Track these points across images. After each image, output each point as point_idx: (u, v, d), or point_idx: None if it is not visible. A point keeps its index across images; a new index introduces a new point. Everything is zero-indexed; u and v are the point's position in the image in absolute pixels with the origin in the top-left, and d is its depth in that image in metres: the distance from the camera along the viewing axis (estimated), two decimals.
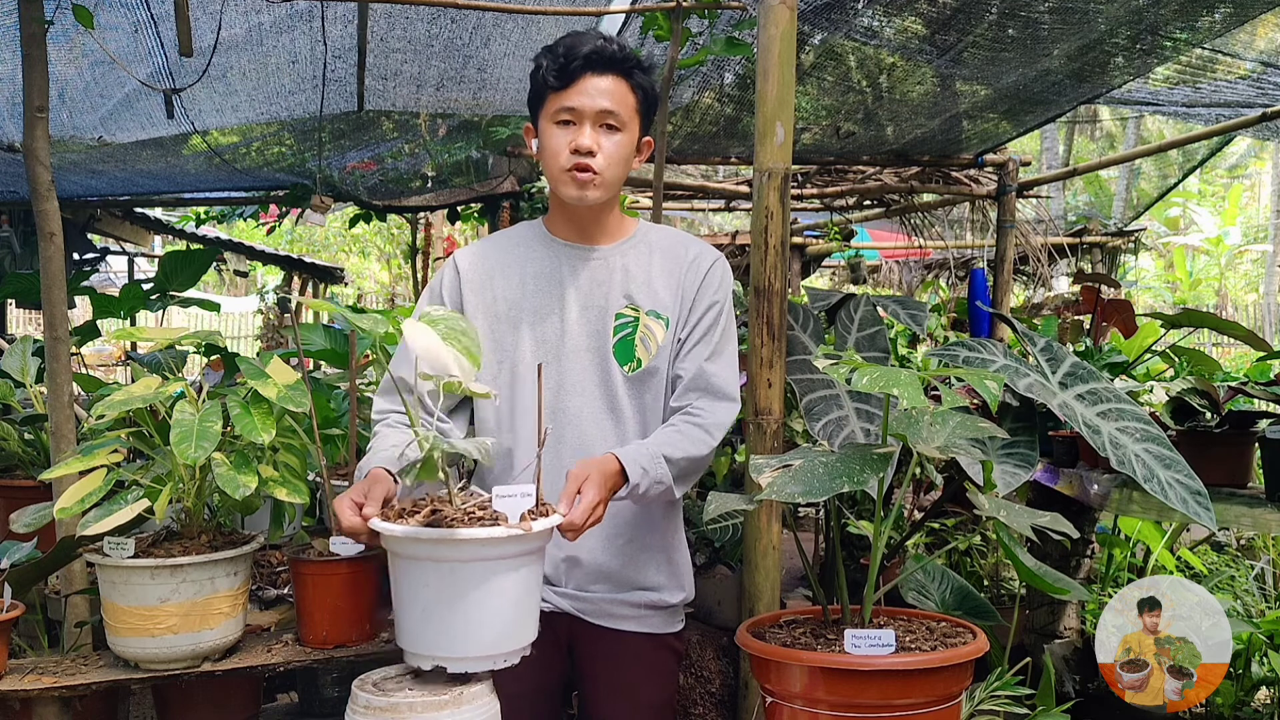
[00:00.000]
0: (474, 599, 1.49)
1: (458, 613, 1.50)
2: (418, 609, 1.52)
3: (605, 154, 1.82)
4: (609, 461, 1.71)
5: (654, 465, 1.76)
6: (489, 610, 1.51)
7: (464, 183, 5.25)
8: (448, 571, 1.49)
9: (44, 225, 2.43)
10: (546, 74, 1.82)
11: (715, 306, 1.92)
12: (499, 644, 1.53)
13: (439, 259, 8.33)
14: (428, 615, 1.51)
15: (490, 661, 1.53)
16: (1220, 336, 8.16)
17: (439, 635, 1.51)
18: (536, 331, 1.86)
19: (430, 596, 1.50)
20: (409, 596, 1.53)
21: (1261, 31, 3.76)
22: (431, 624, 1.51)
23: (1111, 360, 3.12)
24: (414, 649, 1.55)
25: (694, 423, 1.86)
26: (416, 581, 1.51)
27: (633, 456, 1.74)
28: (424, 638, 1.53)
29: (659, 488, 1.77)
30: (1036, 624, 3.09)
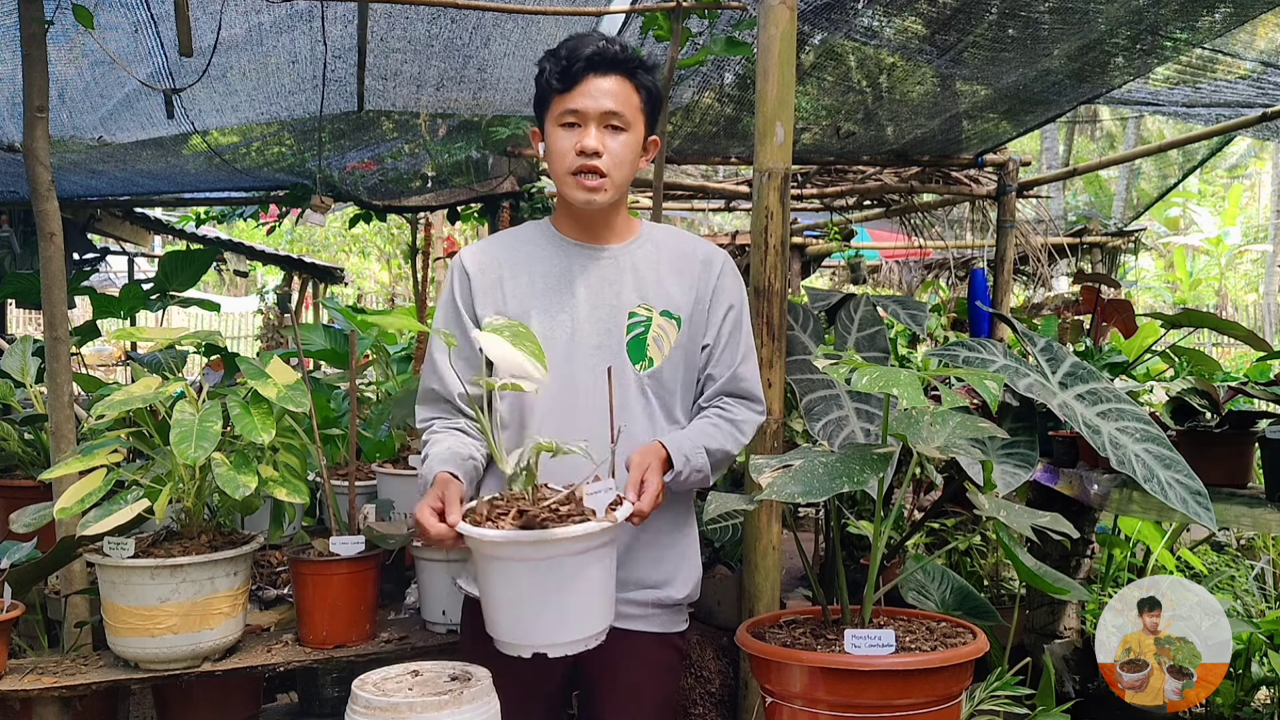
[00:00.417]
0: (568, 590, 1.58)
1: (552, 604, 1.58)
2: (513, 603, 1.60)
3: (611, 154, 1.83)
4: (659, 449, 1.79)
5: (696, 454, 1.84)
6: (581, 597, 1.60)
7: (464, 183, 5.25)
8: (544, 568, 1.57)
9: (44, 225, 2.43)
10: (550, 77, 1.83)
11: (734, 309, 1.97)
12: (590, 626, 1.63)
13: (439, 259, 8.34)
14: (523, 608, 1.59)
15: (584, 643, 1.63)
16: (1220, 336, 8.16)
17: (535, 626, 1.60)
18: (548, 330, 1.87)
19: (525, 591, 1.58)
20: (503, 593, 1.61)
21: (1261, 31, 3.76)
22: (527, 616, 1.59)
23: (1111, 360, 3.13)
24: (510, 639, 1.63)
25: (729, 418, 1.94)
26: (511, 579, 1.59)
27: (677, 445, 1.82)
28: (520, 629, 1.61)
29: (698, 475, 1.85)
30: (1036, 624, 3.09)
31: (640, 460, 1.74)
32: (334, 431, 3.41)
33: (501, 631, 1.64)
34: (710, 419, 1.93)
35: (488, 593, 1.64)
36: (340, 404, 3.76)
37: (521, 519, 1.58)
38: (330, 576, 2.31)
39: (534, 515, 1.58)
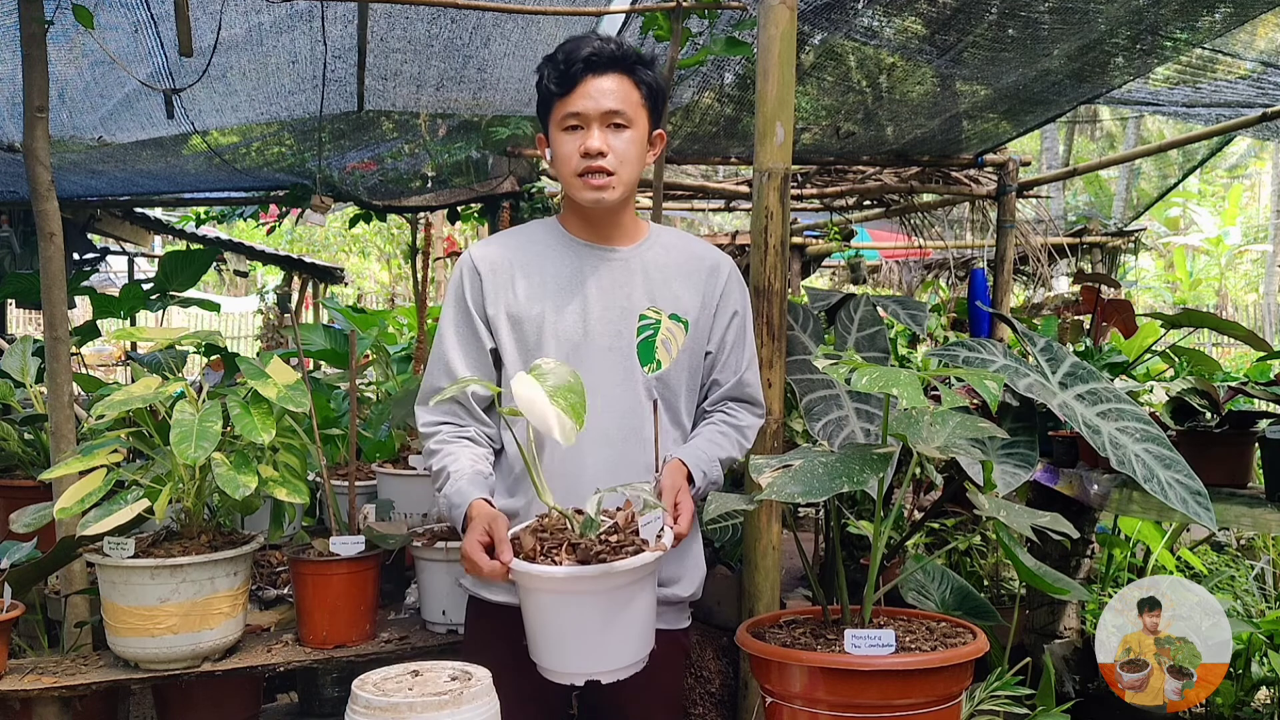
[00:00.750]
0: (623, 618, 1.62)
1: (607, 633, 1.62)
2: (568, 635, 1.63)
3: (616, 153, 1.83)
4: (682, 469, 1.83)
5: (711, 468, 1.89)
6: (635, 624, 1.65)
7: (464, 183, 5.25)
8: (602, 599, 1.60)
9: (44, 225, 2.43)
10: (549, 82, 1.83)
11: (738, 315, 2.00)
12: (641, 649, 1.67)
13: (439, 259, 8.34)
14: (579, 639, 1.62)
15: (635, 666, 1.67)
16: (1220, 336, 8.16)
17: (590, 655, 1.63)
18: (559, 330, 1.87)
19: (582, 623, 1.62)
20: (557, 625, 1.63)
21: (1261, 31, 3.76)
22: (583, 646, 1.62)
23: (1111, 360, 3.12)
24: (564, 669, 1.65)
25: (734, 424, 1.98)
26: (566, 611, 1.62)
27: (695, 461, 1.86)
28: (574, 659, 1.64)
29: (712, 488, 1.89)
30: (1036, 624, 3.09)
31: (671, 484, 1.77)
32: (334, 431, 3.41)
33: (554, 661, 1.66)
34: (718, 426, 1.96)
35: (540, 625, 1.65)
36: (340, 404, 3.76)
37: (577, 553, 1.60)
38: (330, 576, 2.31)
39: (589, 549, 1.60)
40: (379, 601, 2.46)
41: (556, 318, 1.88)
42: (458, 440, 1.88)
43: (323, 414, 3.34)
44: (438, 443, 1.89)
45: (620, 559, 1.58)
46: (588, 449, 1.85)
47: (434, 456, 1.88)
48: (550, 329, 1.87)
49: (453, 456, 1.85)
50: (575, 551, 1.60)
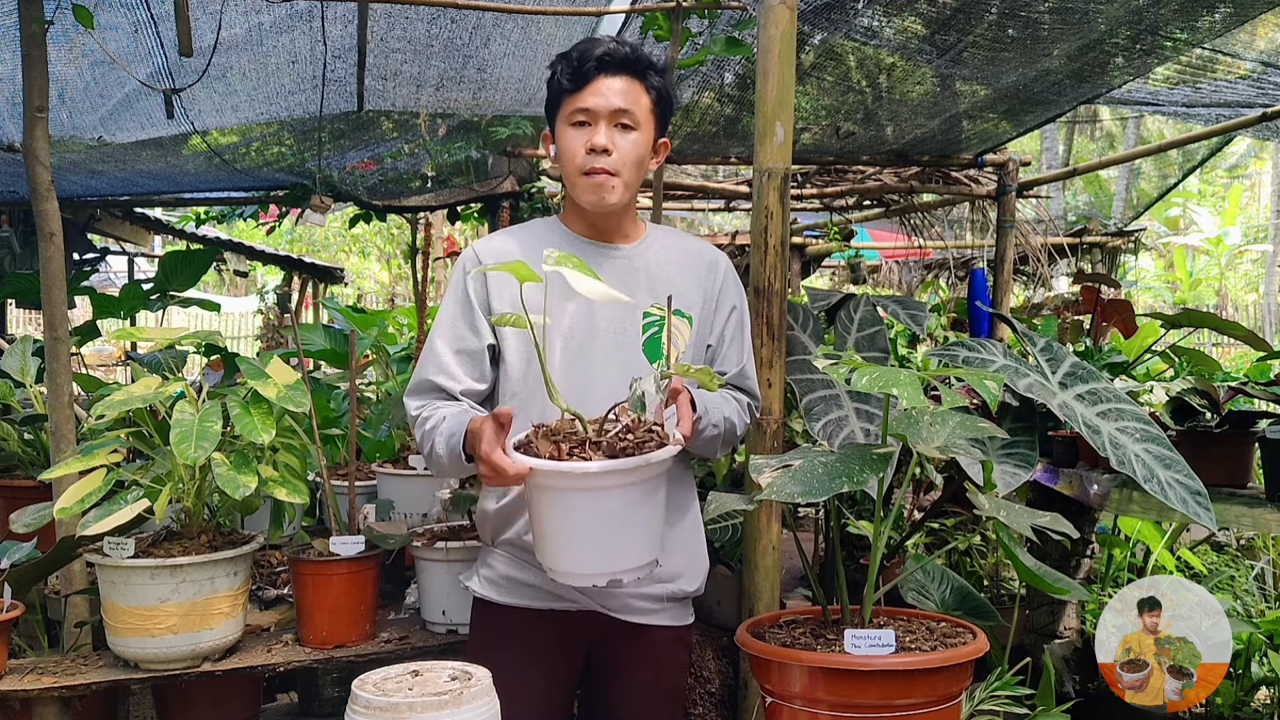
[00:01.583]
0: (643, 512, 1.62)
1: (631, 529, 1.60)
2: (590, 533, 1.60)
3: (620, 153, 1.83)
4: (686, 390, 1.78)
5: (714, 410, 1.87)
6: (654, 518, 1.65)
7: (464, 183, 5.25)
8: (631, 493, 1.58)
9: (44, 225, 2.43)
10: (561, 77, 1.84)
11: (736, 310, 2.02)
12: (657, 547, 1.67)
13: (439, 259, 8.33)
14: (602, 536, 1.60)
15: (651, 566, 1.66)
16: (1220, 336, 8.15)
17: (612, 553, 1.61)
18: (564, 327, 1.87)
19: (606, 518, 1.59)
20: (582, 524, 1.60)
21: (1261, 31, 3.76)
22: (606, 544, 1.61)
23: (1111, 360, 3.12)
24: (586, 570, 1.63)
25: (735, 398, 2.00)
26: (593, 509, 1.59)
27: (698, 396, 1.83)
28: (597, 558, 1.62)
29: (712, 432, 1.86)
30: (1036, 624, 3.09)
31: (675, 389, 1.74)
32: (334, 431, 3.41)
33: (575, 564, 1.64)
34: (720, 393, 1.96)
35: (562, 526, 1.62)
36: (340, 404, 3.76)
37: (601, 449, 1.58)
38: (330, 576, 2.31)
39: (614, 444, 1.58)
40: (379, 601, 2.46)
41: (562, 315, 1.88)
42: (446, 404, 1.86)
43: (323, 414, 3.34)
44: (428, 410, 1.86)
45: (647, 452, 1.57)
46: None
47: (425, 423, 1.84)
48: (556, 326, 1.87)
49: (442, 410, 1.83)
50: (600, 449, 1.58)
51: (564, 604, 1.88)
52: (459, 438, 1.75)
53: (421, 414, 1.86)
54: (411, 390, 1.92)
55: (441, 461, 1.80)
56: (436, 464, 1.83)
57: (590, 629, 1.90)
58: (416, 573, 2.54)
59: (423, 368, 1.90)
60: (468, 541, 2.43)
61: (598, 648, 1.93)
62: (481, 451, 1.62)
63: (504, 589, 1.91)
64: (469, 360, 1.88)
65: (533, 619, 1.89)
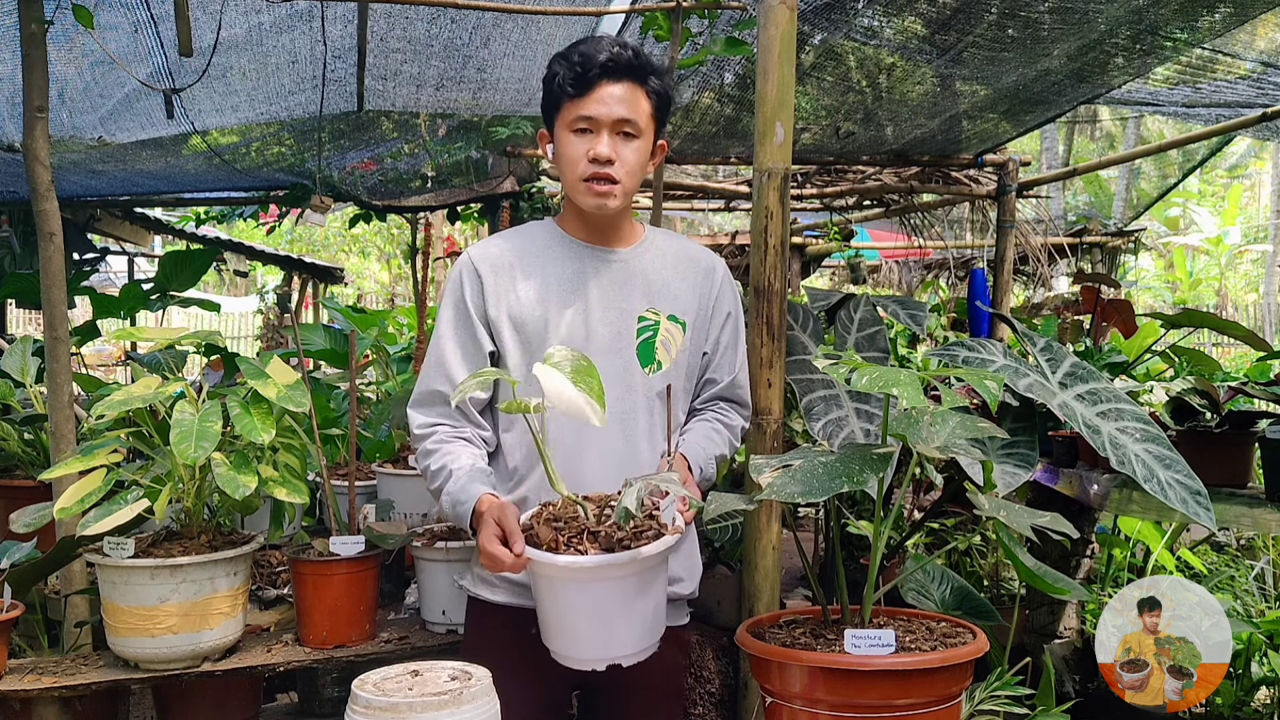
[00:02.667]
0: (644, 600, 1.64)
1: (630, 616, 1.63)
2: (589, 622, 1.63)
3: (623, 162, 1.84)
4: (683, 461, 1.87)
5: (708, 465, 1.93)
6: (653, 605, 1.67)
7: (464, 183, 5.25)
8: (627, 584, 1.61)
9: (44, 225, 2.43)
10: (563, 82, 1.83)
11: (732, 316, 2.03)
12: (659, 629, 1.70)
13: (439, 259, 8.33)
14: (600, 625, 1.63)
15: (654, 646, 1.70)
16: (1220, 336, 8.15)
17: (611, 640, 1.64)
18: (561, 333, 1.87)
19: (605, 608, 1.62)
20: (580, 611, 1.63)
21: (1261, 31, 3.76)
22: (604, 632, 1.63)
23: (1111, 360, 3.12)
24: (585, 655, 1.66)
25: (726, 424, 2.02)
26: (589, 598, 1.62)
27: (694, 456, 1.90)
28: (596, 645, 1.65)
29: (705, 485, 1.92)
30: (1036, 624, 3.09)
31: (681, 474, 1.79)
32: (334, 431, 3.41)
33: (574, 649, 1.67)
34: (711, 424, 2.00)
35: (560, 614, 1.65)
36: (340, 404, 3.76)
37: (599, 541, 1.60)
38: (330, 576, 2.31)
39: (610, 536, 1.61)
40: (379, 601, 2.46)
41: (559, 320, 1.88)
42: (455, 440, 1.87)
43: (323, 414, 3.34)
44: (435, 443, 1.86)
45: (642, 544, 1.59)
46: (588, 450, 1.85)
47: (431, 456, 1.85)
48: (553, 331, 1.87)
49: (452, 455, 1.83)
50: (597, 540, 1.60)
51: None
52: (465, 514, 1.76)
53: (426, 443, 1.87)
54: (416, 401, 1.91)
55: (445, 515, 1.86)
56: (439, 508, 1.87)
57: None
58: (416, 573, 2.54)
59: (427, 377, 1.90)
60: (467, 541, 2.43)
61: None
62: (480, 540, 1.66)
63: (498, 587, 1.91)
64: (471, 370, 1.88)
65: (527, 617, 1.88)
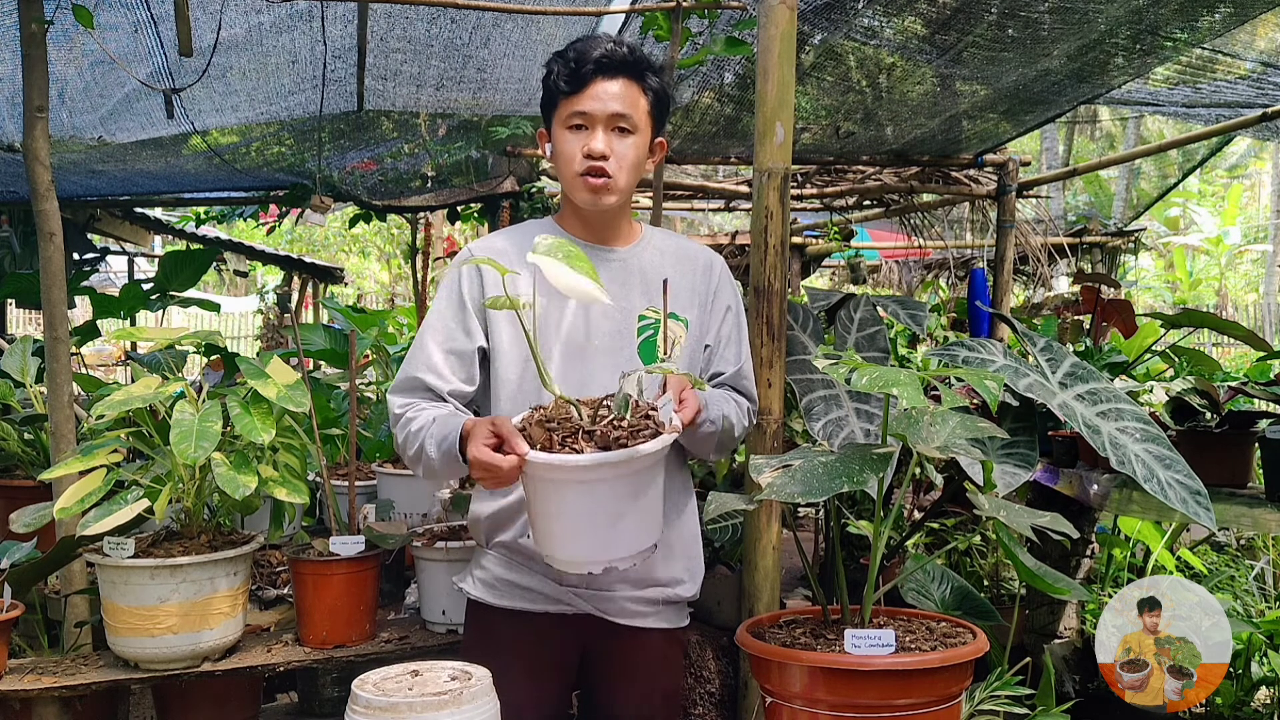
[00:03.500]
0: (640, 502, 1.61)
1: (626, 518, 1.60)
2: (585, 523, 1.60)
3: (618, 157, 1.83)
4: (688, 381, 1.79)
5: (713, 405, 1.85)
6: (651, 507, 1.64)
7: (464, 183, 5.24)
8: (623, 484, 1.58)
9: (44, 225, 2.43)
10: (558, 79, 1.83)
11: (732, 310, 2.01)
12: (655, 533, 1.67)
13: (439, 259, 8.33)
14: (597, 526, 1.60)
15: (649, 551, 1.67)
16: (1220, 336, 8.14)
17: (608, 542, 1.61)
18: (560, 330, 1.87)
19: (601, 509, 1.59)
20: (576, 514, 1.61)
21: (1261, 31, 3.75)
22: (601, 533, 1.60)
23: (1111, 360, 3.12)
24: (582, 558, 1.64)
25: (734, 399, 1.96)
26: (586, 499, 1.59)
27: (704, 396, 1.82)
28: (592, 547, 1.62)
29: (710, 429, 1.84)
30: (1036, 624, 3.09)
31: (676, 381, 1.74)
32: (334, 431, 3.41)
33: (571, 551, 1.64)
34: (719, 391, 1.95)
35: (556, 517, 1.62)
36: (340, 404, 3.76)
37: (595, 440, 1.56)
38: (330, 576, 2.31)
39: (607, 434, 1.56)
40: (379, 601, 2.46)
41: (561, 319, 1.87)
42: (432, 406, 1.84)
43: (323, 414, 3.34)
44: (413, 412, 1.83)
45: (639, 443, 1.55)
46: None
47: (410, 423, 1.81)
48: (553, 329, 1.87)
49: (430, 412, 1.81)
50: (592, 439, 1.57)
51: (559, 606, 1.88)
52: (452, 440, 1.72)
53: (406, 413, 1.83)
54: (397, 387, 1.89)
55: (433, 463, 1.77)
56: (425, 465, 1.80)
57: (585, 631, 1.90)
58: (416, 573, 2.54)
59: (410, 365, 1.88)
60: (467, 541, 2.43)
61: (593, 650, 1.92)
62: (472, 452, 1.62)
63: (499, 591, 1.91)
64: (458, 361, 1.86)
65: (527, 621, 1.88)
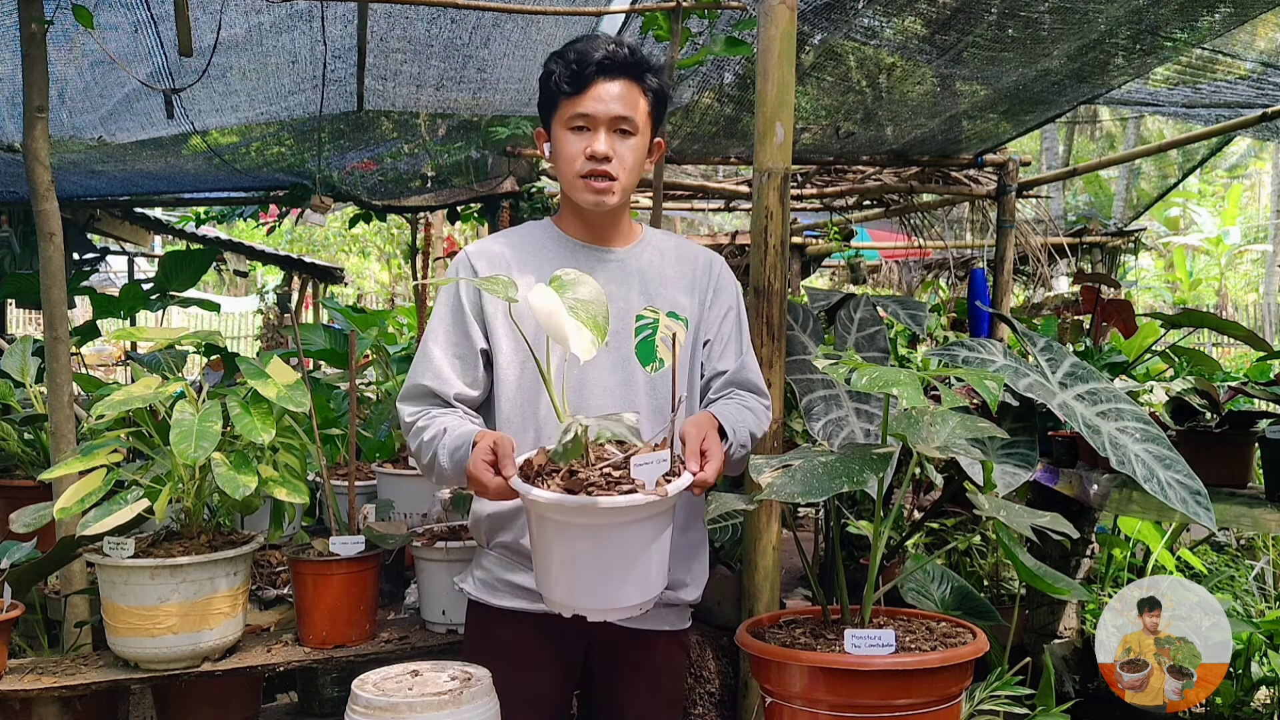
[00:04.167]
0: (615, 557, 1.55)
1: (600, 569, 1.56)
2: (556, 563, 1.58)
3: (620, 159, 1.84)
4: (711, 419, 1.76)
5: (740, 429, 1.82)
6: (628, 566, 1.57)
7: (464, 183, 5.24)
8: (591, 534, 1.53)
9: (44, 225, 2.43)
10: (559, 80, 1.83)
11: (732, 309, 2.00)
12: (632, 596, 1.59)
13: (439, 259, 8.33)
14: (567, 570, 1.57)
15: (625, 611, 1.60)
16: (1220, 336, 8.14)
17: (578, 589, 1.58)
18: None
19: (573, 553, 1.55)
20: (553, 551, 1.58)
21: (1261, 31, 3.76)
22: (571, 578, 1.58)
23: (1111, 360, 3.12)
24: (552, 597, 1.62)
25: (748, 407, 1.92)
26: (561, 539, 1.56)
27: (724, 415, 1.80)
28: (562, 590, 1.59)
29: (741, 453, 1.82)
30: (1036, 624, 3.09)
31: (697, 431, 1.69)
32: (334, 431, 3.41)
33: (544, 588, 1.63)
34: (734, 405, 1.91)
35: (537, 548, 1.62)
36: (340, 404, 3.76)
37: (569, 481, 1.52)
38: (330, 576, 2.31)
39: (582, 479, 1.52)
40: (379, 601, 2.46)
41: None
42: (444, 414, 1.85)
43: (323, 414, 3.34)
44: (425, 420, 1.84)
45: (608, 494, 1.49)
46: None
47: (423, 432, 1.82)
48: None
49: (442, 421, 1.82)
50: (570, 480, 1.52)
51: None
52: (466, 450, 1.72)
53: (417, 422, 1.85)
54: (405, 395, 1.90)
55: (445, 473, 1.79)
56: (438, 474, 1.82)
57: (585, 633, 1.90)
58: (416, 573, 2.54)
59: (416, 373, 1.89)
60: (467, 541, 2.43)
61: (594, 651, 1.92)
62: (469, 464, 1.65)
63: (499, 591, 1.91)
64: (462, 365, 1.87)
65: (528, 621, 1.88)
